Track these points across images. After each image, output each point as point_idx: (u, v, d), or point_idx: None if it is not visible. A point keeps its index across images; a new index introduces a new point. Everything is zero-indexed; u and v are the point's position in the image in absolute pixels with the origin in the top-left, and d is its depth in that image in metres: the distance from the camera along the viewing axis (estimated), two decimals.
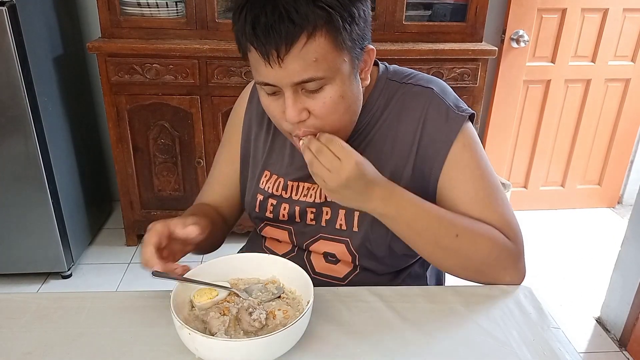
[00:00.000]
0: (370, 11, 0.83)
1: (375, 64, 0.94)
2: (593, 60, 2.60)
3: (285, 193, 0.97)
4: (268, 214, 0.99)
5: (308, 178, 0.95)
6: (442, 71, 2.17)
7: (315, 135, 0.81)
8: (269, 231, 1.02)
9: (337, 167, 0.77)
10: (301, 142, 0.81)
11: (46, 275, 2.23)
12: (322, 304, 0.85)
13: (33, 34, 1.92)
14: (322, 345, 0.77)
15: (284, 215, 0.98)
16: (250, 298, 0.81)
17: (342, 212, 0.93)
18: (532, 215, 2.82)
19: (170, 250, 0.83)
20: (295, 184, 0.97)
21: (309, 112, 0.80)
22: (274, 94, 0.80)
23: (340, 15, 0.74)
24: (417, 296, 0.88)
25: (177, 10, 2.18)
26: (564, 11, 2.47)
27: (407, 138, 0.89)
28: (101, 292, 0.89)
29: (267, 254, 0.89)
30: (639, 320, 1.83)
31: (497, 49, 2.18)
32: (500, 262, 0.87)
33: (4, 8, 1.76)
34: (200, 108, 2.18)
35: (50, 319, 0.82)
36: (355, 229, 0.92)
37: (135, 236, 2.44)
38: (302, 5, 0.72)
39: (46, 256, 2.13)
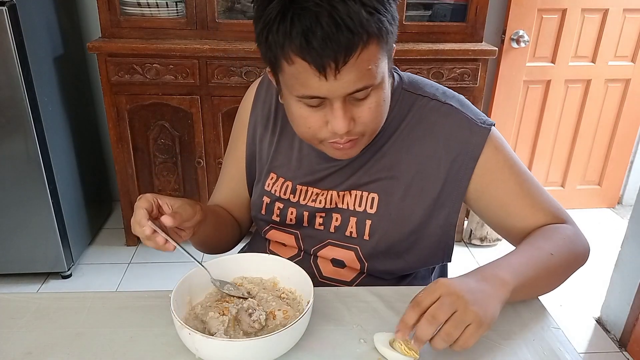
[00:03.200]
0: None
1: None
2: (593, 61, 2.60)
3: (294, 197, 0.96)
4: (275, 217, 0.98)
5: (317, 183, 0.94)
6: (442, 71, 2.17)
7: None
8: (274, 235, 1.00)
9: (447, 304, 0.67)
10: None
11: (46, 275, 2.23)
12: (322, 304, 0.85)
13: (33, 34, 1.92)
14: (322, 345, 0.77)
15: (291, 220, 0.96)
16: (250, 299, 0.81)
17: (353, 220, 0.92)
18: None
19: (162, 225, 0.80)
20: (305, 188, 0.95)
21: (354, 120, 0.78)
22: (317, 105, 0.77)
23: (387, 19, 0.73)
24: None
25: (177, 10, 2.18)
26: (564, 11, 2.47)
27: (431, 158, 0.88)
28: (101, 292, 0.89)
29: (267, 254, 0.89)
30: (639, 320, 1.83)
31: (497, 49, 2.18)
32: (580, 245, 0.90)
33: (4, 8, 1.76)
34: (200, 108, 2.18)
35: (50, 319, 0.82)
36: (367, 237, 0.91)
37: (135, 236, 2.42)
38: (355, 14, 0.68)
39: (46, 256, 2.13)
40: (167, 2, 2.17)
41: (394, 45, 0.80)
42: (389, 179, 0.90)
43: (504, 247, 2.48)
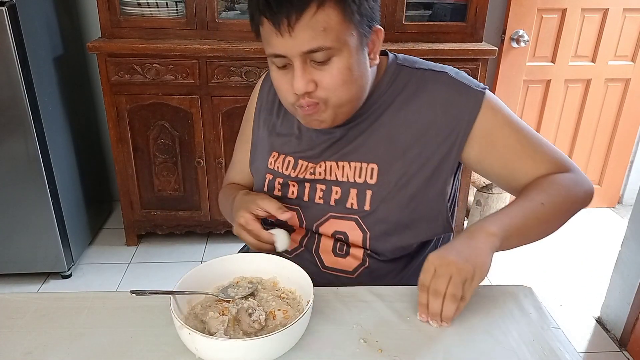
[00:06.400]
0: None
1: (385, 54, 0.97)
2: (593, 60, 2.60)
3: (294, 172, 0.99)
4: (276, 192, 1.00)
5: (316, 157, 0.97)
6: None
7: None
8: None
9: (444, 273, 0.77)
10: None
11: (46, 275, 2.23)
12: (322, 304, 0.85)
13: (33, 34, 1.92)
14: (322, 345, 0.77)
15: (292, 193, 0.98)
16: (250, 299, 0.81)
17: (353, 192, 0.94)
18: None
19: None
20: (305, 163, 0.98)
21: (316, 84, 0.83)
22: (284, 67, 0.83)
23: None
24: (417, 296, 0.88)
25: (177, 10, 2.18)
26: (564, 11, 2.47)
27: (429, 125, 0.91)
28: (101, 292, 0.89)
29: (267, 254, 0.89)
30: (639, 320, 1.83)
31: (497, 49, 2.18)
32: (579, 191, 0.91)
33: (4, 8, 1.76)
34: (200, 108, 2.18)
35: (50, 319, 0.82)
36: (367, 207, 0.93)
37: (135, 236, 2.44)
38: None
39: (46, 256, 2.13)
40: (167, 2, 2.17)
41: (376, 25, 0.85)
42: (388, 148, 0.92)
43: None
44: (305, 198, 0.98)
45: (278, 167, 1.01)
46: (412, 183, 0.92)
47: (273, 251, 0.91)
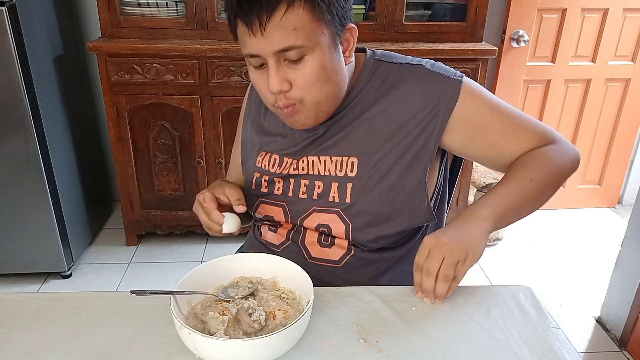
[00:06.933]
0: None
1: (363, 50, 0.99)
2: (593, 60, 2.60)
3: (279, 168, 1.01)
4: (263, 189, 1.03)
5: (300, 153, 0.99)
6: None
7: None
8: (264, 209, 1.04)
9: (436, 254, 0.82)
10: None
11: (46, 275, 2.23)
12: (322, 304, 0.85)
13: (33, 34, 1.92)
14: (322, 345, 0.77)
15: (278, 189, 1.01)
16: (250, 299, 0.81)
17: (334, 185, 0.95)
18: (532, 215, 2.81)
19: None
20: (290, 160, 1.00)
21: (291, 83, 0.85)
22: (260, 66, 0.85)
23: None
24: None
25: (177, 10, 2.18)
26: (564, 11, 2.47)
27: (408, 117, 0.92)
28: (101, 292, 0.89)
29: (267, 254, 0.89)
30: (639, 320, 1.83)
31: (497, 48, 2.18)
32: (565, 161, 0.95)
33: (4, 8, 1.76)
34: (200, 108, 2.18)
35: (50, 319, 0.82)
36: (348, 200, 0.95)
37: (135, 236, 2.44)
38: None
39: (46, 256, 2.13)
40: (167, 2, 2.17)
41: (349, 24, 0.87)
42: (368, 141, 0.94)
43: (504, 246, 2.48)
44: (290, 194, 1.00)
45: (265, 165, 1.03)
46: (391, 174, 0.93)
47: (220, 232, 0.93)
